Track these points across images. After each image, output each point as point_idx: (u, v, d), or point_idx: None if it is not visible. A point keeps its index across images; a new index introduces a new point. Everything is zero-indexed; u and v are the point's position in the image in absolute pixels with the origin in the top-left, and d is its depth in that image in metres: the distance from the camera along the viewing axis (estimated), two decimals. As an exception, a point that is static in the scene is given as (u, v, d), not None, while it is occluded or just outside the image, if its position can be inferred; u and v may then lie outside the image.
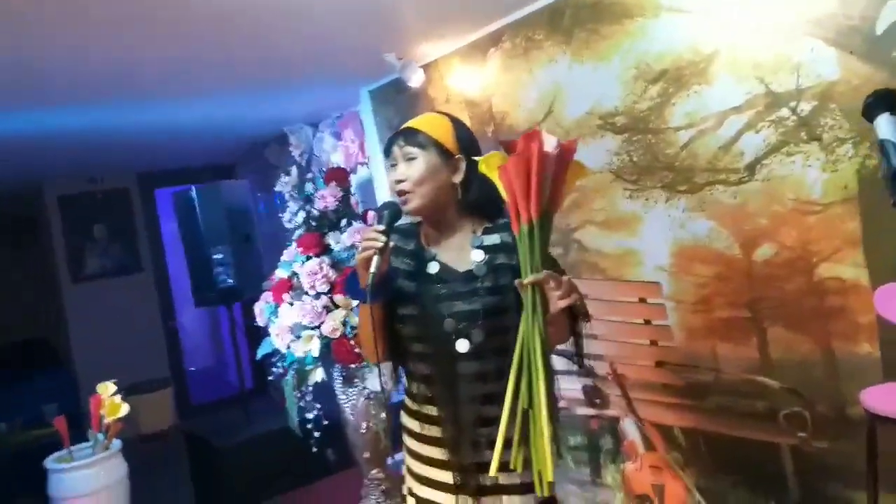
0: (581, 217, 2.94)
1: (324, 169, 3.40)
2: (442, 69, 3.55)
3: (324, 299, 3.04)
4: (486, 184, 1.63)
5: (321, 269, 3.06)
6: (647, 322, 2.78)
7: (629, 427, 2.93)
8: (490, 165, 1.59)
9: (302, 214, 3.21)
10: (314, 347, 3.05)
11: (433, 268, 1.66)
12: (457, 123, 1.73)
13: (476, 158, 1.63)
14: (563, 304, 1.46)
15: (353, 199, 3.29)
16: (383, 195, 4.15)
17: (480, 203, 1.69)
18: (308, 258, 3.15)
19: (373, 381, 3.05)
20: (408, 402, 1.79)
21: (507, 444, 1.47)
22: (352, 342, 3.01)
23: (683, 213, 2.56)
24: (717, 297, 2.53)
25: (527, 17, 3.00)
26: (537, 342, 1.46)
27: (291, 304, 3.08)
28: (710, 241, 2.50)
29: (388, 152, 1.74)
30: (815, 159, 2.17)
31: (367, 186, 4.24)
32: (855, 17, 2.00)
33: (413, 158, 1.64)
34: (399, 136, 1.68)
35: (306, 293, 3.08)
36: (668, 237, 2.63)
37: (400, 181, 1.66)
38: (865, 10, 1.97)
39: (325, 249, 3.19)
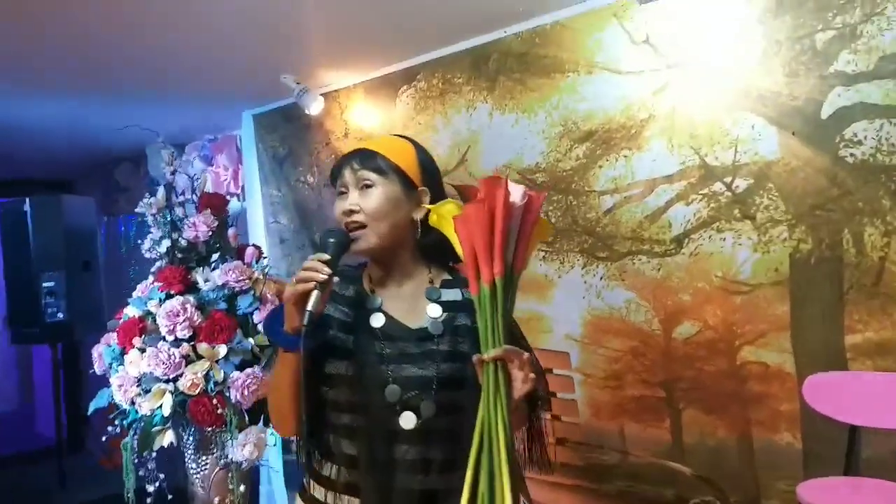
0: (488, 276, 2.72)
1: (196, 193, 2.96)
2: (343, 100, 3.25)
3: (184, 347, 2.55)
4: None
5: (184, 310, 2.59)
6: (552, 394, 2.58)
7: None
8: (442, 215, 1.31)
9: (166, 243, 2.73)
10: (166, 405, 2.54)
11: (377, 320, 1.34)
12: (419, 149, 1.44)
13: (426, 207, 1.34)
14: (526, 388, 1.18)
15: (230, 231, 2.86)
16: (257, 234, 3.73)
17: (441, 247, 1.39)
18: (169, 296, 2.66)
19: (236, 450, 2.58)
20: (314, 489, 1.41)
21: None
22: (214, 401, 2.54)
23: (601, 280, 2.41)
24: (629, 374, 2.38)
25: (447, 57, 2.81)
26: (501, 432, 1.16)
27: (143, 351, 2.56)
28: (628, 314, 2.36)
29: (336, 176, 1.40)
30: (747, 238, 2.10)
31: (238, 221, 3.79)
32: (800, 99, 1.97)
33: (370, 186, 1.33)
34: (353, 158, 1.37)
35: (163, 338, 2.58)
36: (581, 305, 2.47)
37: (352, 211, 1.33)
38: (811, 93, 1.95)
39: (191, 287, 2.72)
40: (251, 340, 2.65)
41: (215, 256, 2.83)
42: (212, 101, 3.63)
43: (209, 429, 2.65)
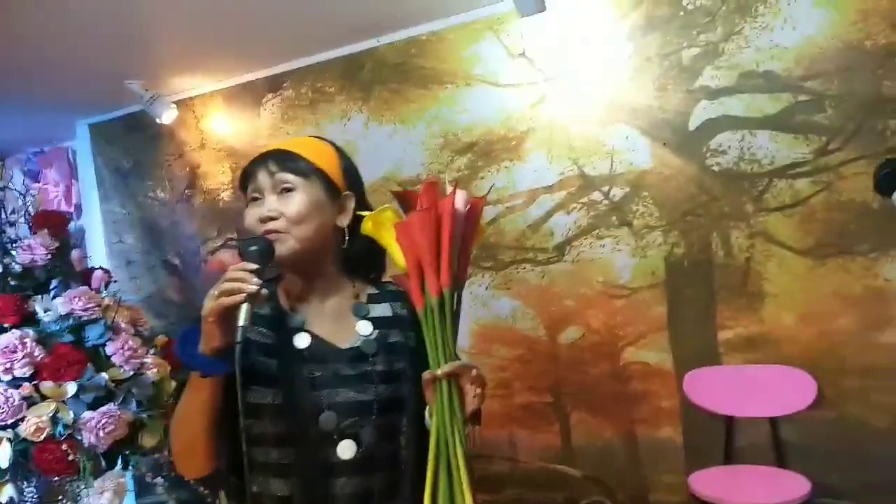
0: (368, 291, 2.64)
1: (28, 211, 2.59)
2: (198, 109, 3.02)
3: (25, 387, 2.21)
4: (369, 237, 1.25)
5: (22, 345, 2.24)
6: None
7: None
8: (381, 223, 1.19)
9: (-3, 269, 2.36)
10: (3, 455, 2.19)
11: (302, 340, 1.18)
12: (340, 152, 1.29)
13: (361, 214, 1.22)
14: (477, 403, 1.08)
15: (74, 254, 2.53)
16: (98, 255, 3.36)
17: (365, 258, 1.28)
18: (2, 329, 2.30)
19: (93, 500, 2.27)
20: None
21: None
22: (63, 447, 2.23)
23: (487, 290, 2.41)
24: (517, 381, 2.40)
25: (316, 65, 2.70)
26: (459, 451, 1.08)
27: (-30, 395, 2.19)
28: (514, 322, 2.38)
29: (247, 181, 1.23)
30: (625, 244, 2.20)
31: (80, 242, 3.39)
32: (669, 111, 2.10)
33: (290, 189, 1.18)
34: (268, 159, 1.21)
35: (-4, 379, 2.22)
36: (467, 316, 2.46)
37: (270, 218, 1.16)
38: (679, 106, 2.09)
39: (28, 318, 2.37)
40: (104, 375, 2.36)
41: (55, 283, 2.49)
42: (38, 108, 3.22)
43: (56, 478, 2.32)
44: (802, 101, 1.95)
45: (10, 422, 2.20)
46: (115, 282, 2.65)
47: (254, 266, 1.06)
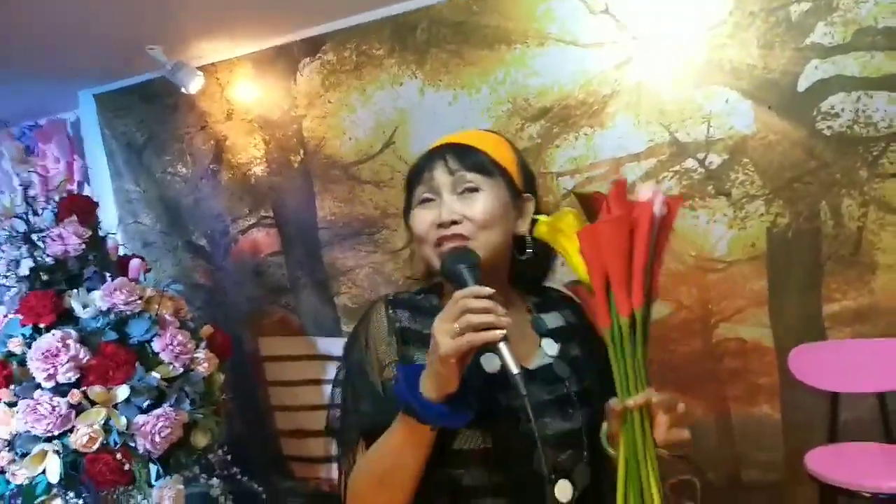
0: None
1: (53, 197, 2.32)
2: (223, 76, 2.76)
3: (73, 394, 2.00)
4: (541, 242, 1.08)
5: (65, 347, 2.03)
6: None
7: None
8: (560, 229, 0.98)
9: (28, 263, 2.12)
10: (52, 469, 1.99)
11: (491, 363, 0.98)
12: (514, 147, 1.13)
13: (537, 217, 1.01)
14: (672, 438, 0.92)
15: (109, 242, 2.30)
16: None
17: (536, 265, 1.11)
18: (37, 330, 2.08)
19: (154, 510, 2.09)
20: None
21: None
22: (118, 456, 2.03)
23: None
24: (598, 362, 2.28)
25: (360, 26, 2.46)
26: (655, 493, 0.91)
27: (12, 405, 1.98)
28: (595, 300, 2.24)
29: (417, 179, 1.06)
30: (722, 215, 2.07)
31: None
32: (776, 72, 1.96)
33: (475, 190, 1.02)
34: (446, 154, 1.04)
35: (38, 386, 2.01)
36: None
37: (453, 222, 1.00)
38: (787, 66, 1.95)
39: (65, 316, 2.14)
40: (155, 374, 2.16)
41: (88, 272, 2.26)
42: (36, 77, 2.91)
43: (108, 491, 2.13)
44: (926, 58, 1.83)
45: (57, 433, 2.01)
46: (150, 270, 2.43)
47: (489, 291, 0.87)
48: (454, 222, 1.00)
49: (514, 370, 0.85)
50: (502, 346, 0.85)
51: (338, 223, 2.65)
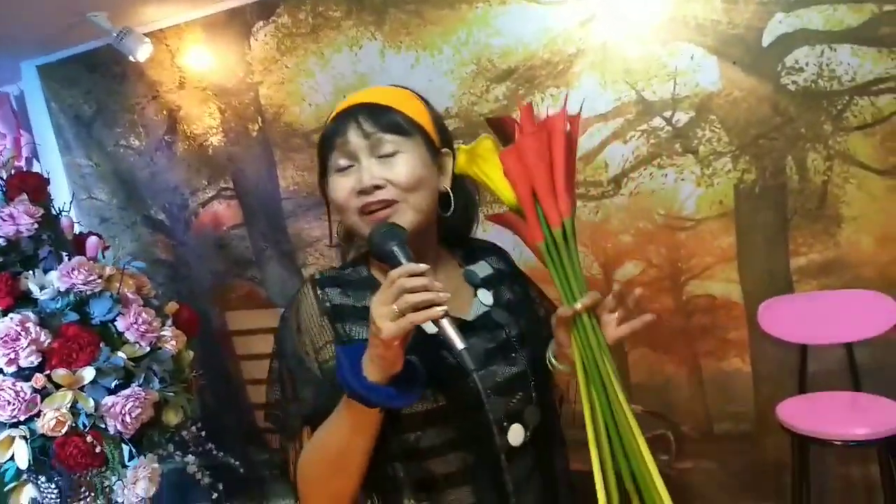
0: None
1: (0, 175, 2.21)
2: (173, 42, 2.64)
3: (37, 378, 1.94)
4: (465, 191, 1.08)
5: (25, 330, 1.96)
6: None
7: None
8: (479, 154, 0.99)
9: (-22, 246, 2.03)
10: (20, 455, 1.94)
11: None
12: (427, 102, 1.08)
13: (460, 147, 0.98)
14: (625, 329, 0.93)
15: (63, 220, 2.21)
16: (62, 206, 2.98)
17: (461, 219, 1.10)
18: (-6, 315, 2.00)
19: (128, 491, 2.06)
20: None
21: None
22: (88, 438, 1.99)
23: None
24: (570, 323, 2.29)
25: (316, -14, 2.37)
26: (618, 389, 0.93)
27: (-28, 394, 1.91)
28: (565, 262, 2.25)
29: (329, 145, 1.01)
30: (690, 173, 2.08)
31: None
32: (740, 27, 1.94)
33: (393, 153, 0.98)
34: (361, 115, 0.99)
35: (1, 372, 1.94)
36: (515, 257, 2.30)
37: (376, 187, 0.96)
38: (751, 21, 1.93)
39: (24, 299, 2.06)
40: (121, 354, 2.10)
41: (44, 253, 2.17)
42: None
43: (80, 473, 2.09)
44: (889, 10, 1.82)
45: (23, 418, 1.95)
46: (108, 247, 2.35)
47: (424, 267, 0.84)
48: (377, 187, 0.96)
49: (459, 345, 0.83)
50: (444, 323, 0.83)
51: (301, 192, 2.59)
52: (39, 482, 2.03)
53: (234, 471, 2.31)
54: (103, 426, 2.02)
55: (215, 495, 2.24)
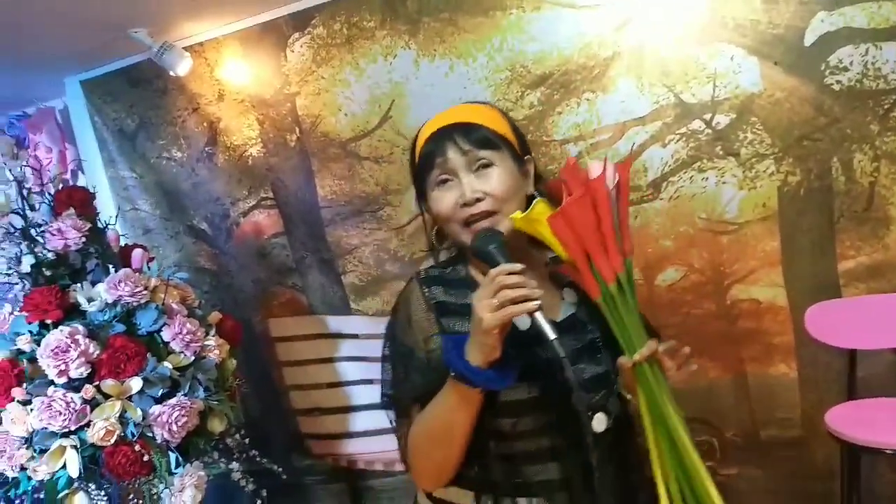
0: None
1: (48, 190, 2.29)
2: (211, 56, 2.69)
3: (87, 389, 2.00)
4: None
5: (75, 342, 2.02)
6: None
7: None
8: (534, 218, 1.07)
9: (29, 259, 2.09)
10: (71, 464, 2.00)
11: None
12: (504, 113, 1.22)
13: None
14: (680, 377, 1.09)
15: (109, 233, 2.27)
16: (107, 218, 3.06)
17: None
18: (44, 326, 2.06)
19: (175, 499, 2.11)
20: None
21: None
22: (136, 447, 2.04)
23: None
24: (610, 329, 2.27)
25: (349, -3, 2.39)
26: (682, 432, 1.03)
27: (27, 404, 1.97)
28: (604, 267, 2.22)
29: (429, 161, 1.12)
30: (731, 175, 2.04)
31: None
32: (781, 26, 1.90)
33: (489, 165, 1.10)
34: (456, 134, 1.11)
35: (51, 383, 2.00)
36: (550, 264, 2.29)
37: (477, 199, 1.09)
38: (792, 20, 1.89)
39: (71, 311, 2.13)
40: (167, 364, 2.15)
41: (92, 265, 2.24)
42: (19, 66, 2.85)
43: (128, 482, 2.14)
44: (938, 5, 1.77)
45: (73, 428, 2.01)
46: (153, 258, 2.40)
47: (519, 267, 0.98)
48: (478, 200, 1.08)
49: (551, 336, 0.95)
50: (538, 315, 0.95)
51: (339, 201, 2.61)
52: (90, 490, 2.10)
53: (277, 477, 2.35)
54: (150, 435, 2.08)
55: (259, 501, 2.28)
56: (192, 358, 2.22)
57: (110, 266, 2.23)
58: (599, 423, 1.10)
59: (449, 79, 2.30)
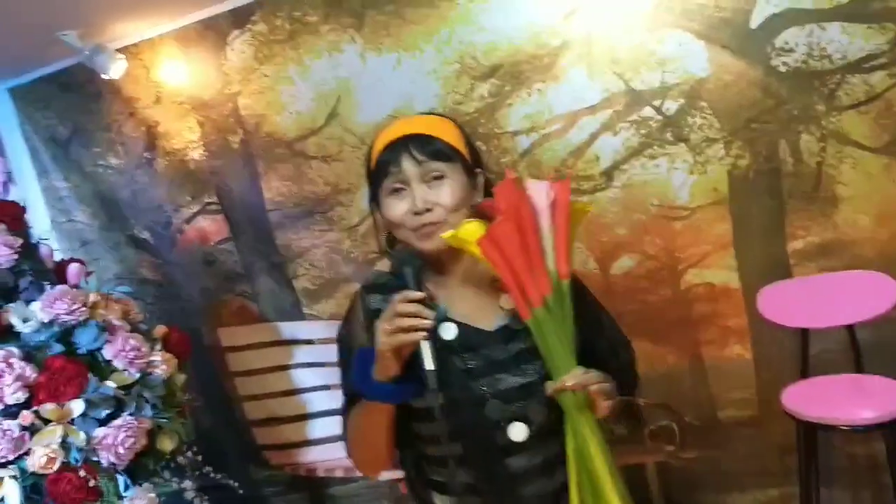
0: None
1: (-27, 204, 2.14)
2: (147, 57, 2.57)
3: (24, 416, 1.88)
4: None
5: (9, 366, 1.89)
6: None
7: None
8: (465, 238, 1.07)
9: (-45, 280, 1.96)
10: (11, 496, 1.87)
11: (448, 331, 1.14)
12: (457, 124, 1.23)
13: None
14: (608, 406, 1.05)
15: (42, 248, 2.15)
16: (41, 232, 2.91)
17: None
18: (-24, 350, 1.93)
19: (128, 521, 2.00)
20: None
21: None
22: (81, 473, 1.92)
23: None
24: (569, 319, 2.25)
25: (289, -8, 2.31)
26: (599, 462, 1.01)
27: (-41, 434, 1.84)
28: (561, 259, 2.21)
29: (384, 169, 1.15)
30: (682, 161, 2.04)
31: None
32: (727, 10, 1.91)
33: (441, 177, 1.13)
34: (412, 145, 1.14)
35: (-14, 410, 1.87)
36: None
37: (427, 210, 1.11)
38: (738, 3, 1.90)
39: (6, 333, 2.00)
40: (110, 383, 2.04)
41: (24, 283, 2.11)
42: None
43: (76, 507, 2.02)
44: (876, -15, 1.80)
45: (12, 458, 1.89)
46: (92, 272, 2.28)
47: (419, 295, 1.04)
48: (427, 210, 1.11)
49: (428, 367, 1.01)
50: (423, 345, 1.02)
51: (287, 203, 2.53)
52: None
53: (234, 491, 2.27)
54: (96, 459, 1.97)
55: (215, 518, 2.19)
56: (138, 375, 2.11)
57: (45, 283, 2.11)
58: (518, 432, 1.12)
59: (397, 72, 2.25)
